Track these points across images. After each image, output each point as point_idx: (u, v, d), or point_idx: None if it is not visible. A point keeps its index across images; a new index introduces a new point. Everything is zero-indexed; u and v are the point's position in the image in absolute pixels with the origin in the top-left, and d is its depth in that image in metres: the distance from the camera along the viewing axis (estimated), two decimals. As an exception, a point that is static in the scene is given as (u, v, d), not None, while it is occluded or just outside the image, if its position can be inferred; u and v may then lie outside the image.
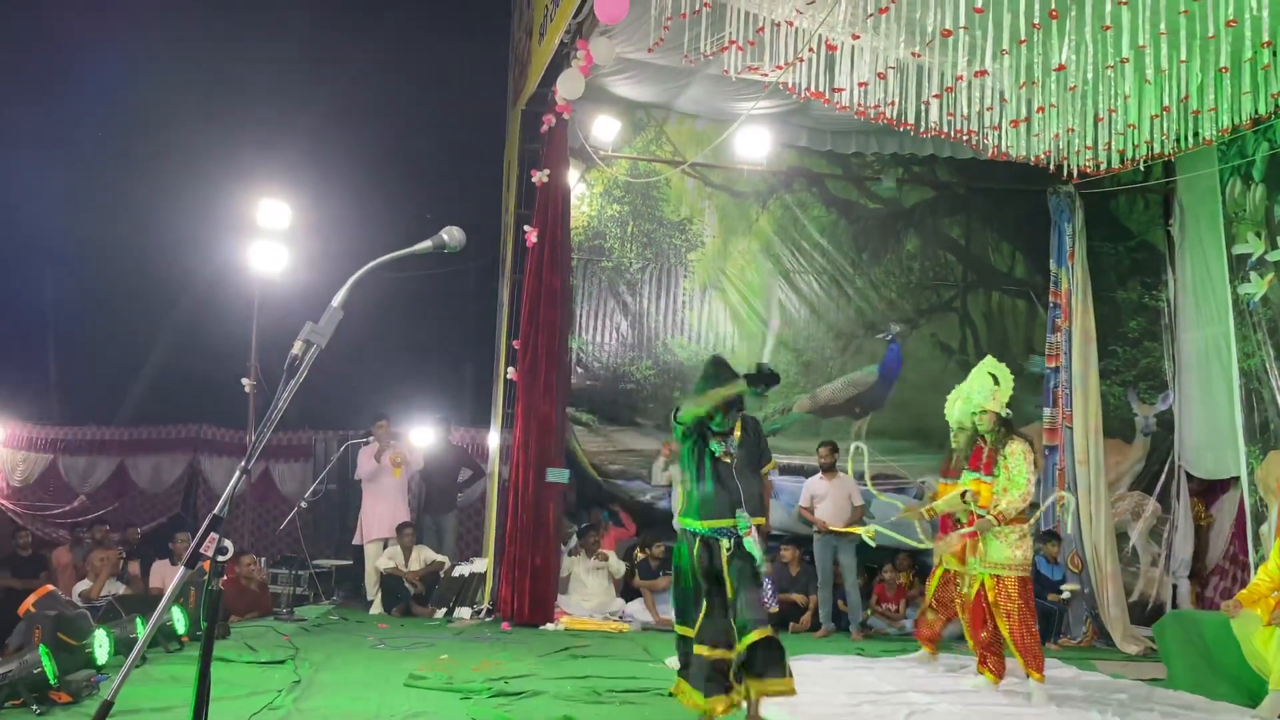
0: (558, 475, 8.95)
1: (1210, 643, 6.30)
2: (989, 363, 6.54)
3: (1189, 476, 9.89)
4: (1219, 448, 9.35)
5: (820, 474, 9.21)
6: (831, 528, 8.87)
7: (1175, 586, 9.74)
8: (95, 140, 13.28)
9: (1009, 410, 6.32)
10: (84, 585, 8.34)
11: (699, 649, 4.76)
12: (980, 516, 6.07)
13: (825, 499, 9.07)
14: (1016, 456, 6.04)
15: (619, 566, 9.32)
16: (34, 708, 4.91)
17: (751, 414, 5.18)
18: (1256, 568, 7.06)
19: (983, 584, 6.13)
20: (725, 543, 4.78)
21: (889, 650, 8.00)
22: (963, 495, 6.23)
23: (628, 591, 9.42)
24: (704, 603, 4.81)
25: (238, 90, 14.14)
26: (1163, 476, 9.98)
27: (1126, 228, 10.52)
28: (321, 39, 14.81)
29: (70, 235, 13.57)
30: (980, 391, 6.31)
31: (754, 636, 4.65)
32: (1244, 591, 6.16)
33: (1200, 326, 9.76)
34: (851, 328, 10.67)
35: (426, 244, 2.45)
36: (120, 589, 8.67)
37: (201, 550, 2.02)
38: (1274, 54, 6.62)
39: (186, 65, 14.06)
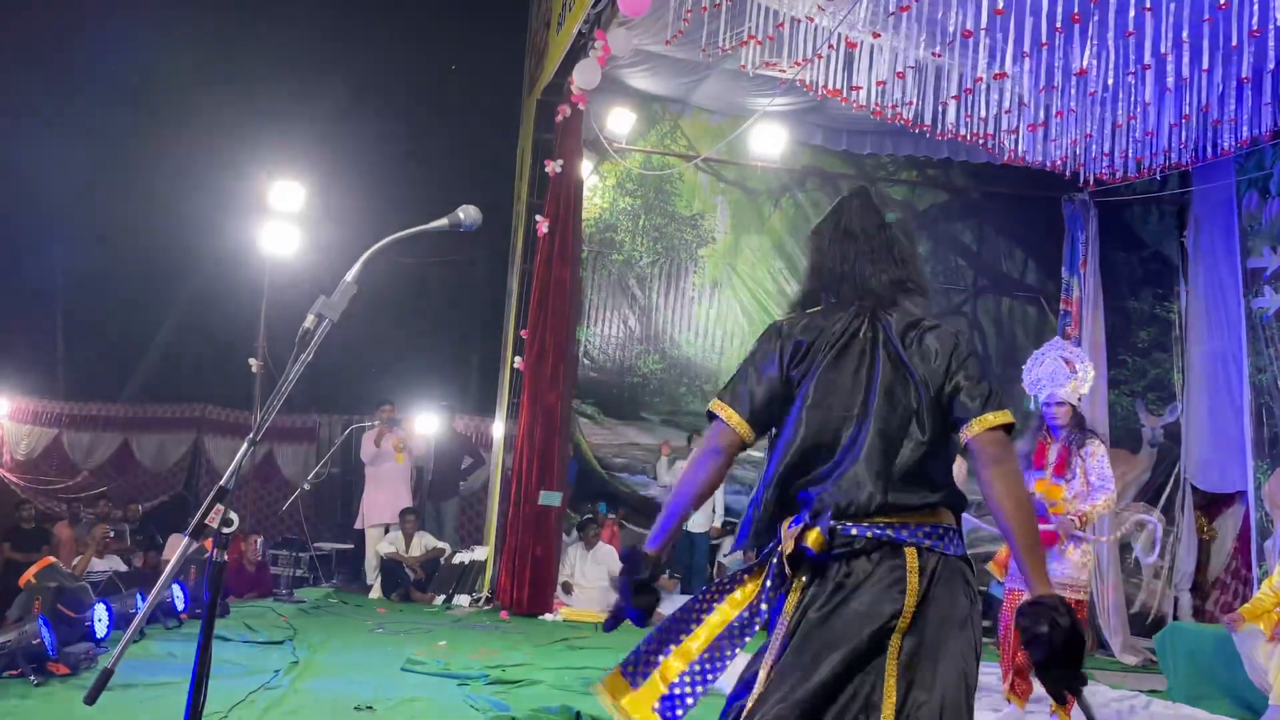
0: (549, 499, 8.79)
1: (1212, 656, 6.27)
2: (1062, 345, 5.70)
3: (1193, 489, 9.85)
4: (1225, 461, 9.30)
5: None
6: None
7: (1177, 599, 9.70)
8: (109, 118, 13.29)
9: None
10: (75, 559, 8.37)
11: None
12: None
13: None
14: (1099, 458, 5.26)
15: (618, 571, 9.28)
16: (31, 678, 4.91)
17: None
18: (1260, 582, 7.02)
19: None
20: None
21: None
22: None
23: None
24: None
25: (254, 70, 14.14)
26: (1168, 488, 9.93)
27: (1140, 237, 10.47)
28: (339, 23, 14.81)
29: (81, 212, 13.60)
30: (1053, 379, 5.43)
31: None
32: (1246, 606, 6.13)
33: (1211, 339, 9.70)
34: (860, 329, 10.62)
35: (442, 221, 2.43)
36: (120, 565, 8.69)
37: (207, 522, 2.00)
38: (1297, 66, 6.58)
39: (202, 44, 14.08)
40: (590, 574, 9.26)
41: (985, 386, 2.30)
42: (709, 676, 2.29)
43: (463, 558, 9.69)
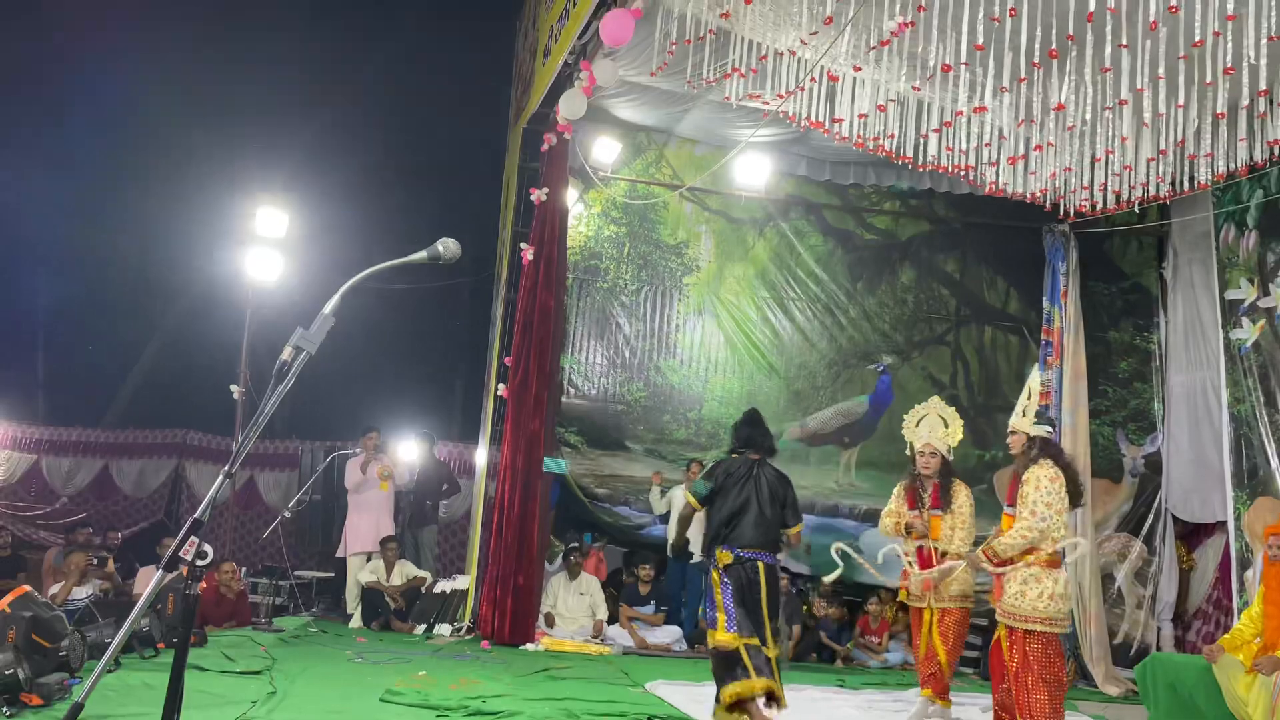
0: (554, 465, 8.86)
1: (1192, 687, 6.27)
2: (939, 404, 6.15)
3: (1174, 519, 9.88)
4: (1205, 491, 9.35)
5: None
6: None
7: (1159, 629, 9.71)
8: (93, 146, 13.27)
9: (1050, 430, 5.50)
10: (54, 588, 8.25)
11: None
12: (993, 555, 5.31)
13: None
14: (1034, 481, 5.20)
15: (601, 602, 9.25)
16: (4, 709, 4.84)
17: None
18: (1240, 613, 7.05)
19: (998, 635, 5.36)
20: None
21: (870, 682, 7.96)
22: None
23: (610, 613, 9.36)
24: None
25: (239, 98, 14.17)
26: (1149, 519, 9.96)
27: (1120, 269, 10.57)
28: (326, 52, 14.87)
29: (65, 239, 13.57)
30: (930, 431, 5.93)
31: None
32: (1226, 637, 6.14)
33: (1190, 370, 9.78)
34: (843, 357, 10.68)
35: (421, 254, 2.44)
36: (93, 591, 8.58)
37: (181, 554, 1.99)
38: (1270, 102, 6.68)
39: (187, 73, 14.10)
40: (573, 605, 9.22)
41: (798, 509, 5.75)
42: (732, 615, 5.42)
43: (444, 587, 9.62)
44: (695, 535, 9.57)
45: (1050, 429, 5.56)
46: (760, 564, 5.45)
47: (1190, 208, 9.20)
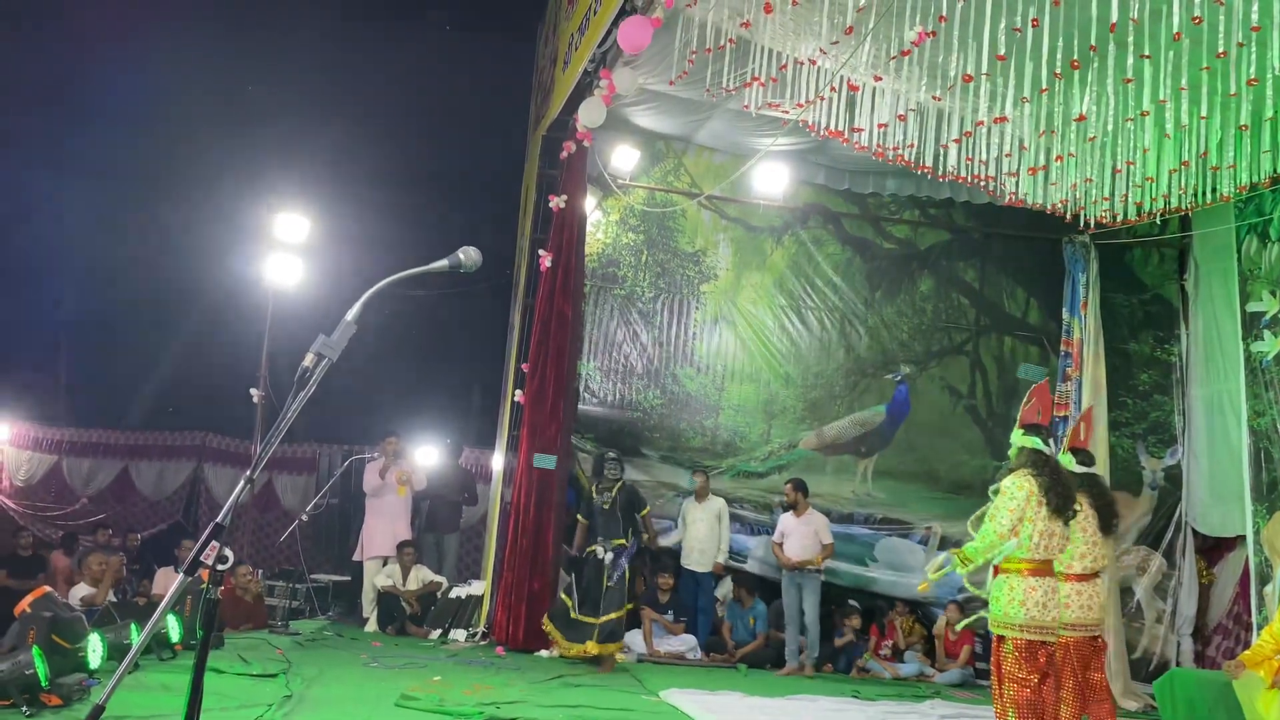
0: (544, 461, 8.86)
1: (1212, 703, 6.22)
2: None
3: (1194, 533, 9.80)
4: (1225, 505, 9.27)
5: (792, 510, 9.15)
6: (797, 561, 8.82)
7: (1179, 644, 9.63)
8: (114, 152, 13.37)
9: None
10: (85, 590, 8.31)
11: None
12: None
13: (792, 535, 9.01)
14: (1001, 491, 5.12)
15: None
16: (24, 709, 4.88)
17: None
18: (1260, 629, 6.98)
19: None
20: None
21: (885, 694, 7.93)
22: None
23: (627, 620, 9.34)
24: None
25: (261, 104, 14.26)
26: (1169, 532, 9.89)
27: (1141, 280, 10.51)
28: (347, 58, 14.93)
29: (87, 243, 13.66)
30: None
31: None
32: (1247, 653, 6.09)
33: (1211, 383, 9.70)
34: (861, 366, 10.66)
35: (443, 263, 2.46)
36: (111, 596, 8.64)
37: (202, 558, 2.01)
38: (1294, 114, 6.63)
39: (208, 79, 14.19)
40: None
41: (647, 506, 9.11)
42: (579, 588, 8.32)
43: (459, 592, 9.64)
44: (695, 541, 9.63)
45: (1038, 440, 5.33)
46: (604, 554, 8.18)
47: (1212, 219, 9.13)
